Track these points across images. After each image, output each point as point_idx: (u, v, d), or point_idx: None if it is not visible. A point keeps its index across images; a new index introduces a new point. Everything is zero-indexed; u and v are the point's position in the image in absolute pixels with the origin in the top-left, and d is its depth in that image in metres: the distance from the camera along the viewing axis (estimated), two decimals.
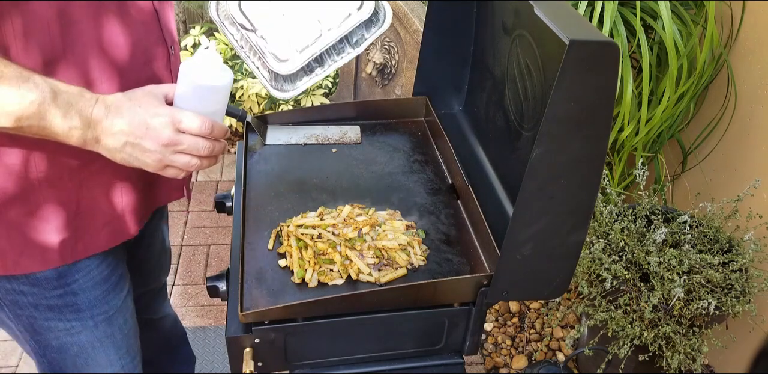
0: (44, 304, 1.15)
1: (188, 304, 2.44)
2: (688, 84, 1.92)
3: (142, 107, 0.94)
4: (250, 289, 1.01)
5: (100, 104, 0.92)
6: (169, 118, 0.94)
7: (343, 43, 1.14)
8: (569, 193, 0.92)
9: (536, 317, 2.39)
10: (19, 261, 1.09)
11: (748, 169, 1.98)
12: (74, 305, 1.17)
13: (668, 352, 1.70)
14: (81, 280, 1.15)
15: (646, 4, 1.90)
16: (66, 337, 1.20)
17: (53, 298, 1.15)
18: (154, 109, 0.94)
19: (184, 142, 0.95)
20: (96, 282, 1.18)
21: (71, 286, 1.15)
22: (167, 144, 0.94)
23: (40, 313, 1.16)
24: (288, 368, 1.06)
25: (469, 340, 1.09)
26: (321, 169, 1.29)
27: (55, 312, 1.17)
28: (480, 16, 1.29)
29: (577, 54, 0.78)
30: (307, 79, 1.15)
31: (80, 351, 1.23)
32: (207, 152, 0.97)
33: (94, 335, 1.22)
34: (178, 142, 0.95)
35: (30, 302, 1.14)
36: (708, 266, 1.71)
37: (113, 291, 1.22)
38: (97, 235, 1.14)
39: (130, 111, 0.93)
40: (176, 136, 0.94)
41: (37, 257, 1.10)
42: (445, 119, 1.38)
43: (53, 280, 1.12)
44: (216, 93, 0.97)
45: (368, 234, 1.09)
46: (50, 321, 1.18)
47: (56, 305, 1.16)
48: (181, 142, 0.95)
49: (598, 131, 0.87)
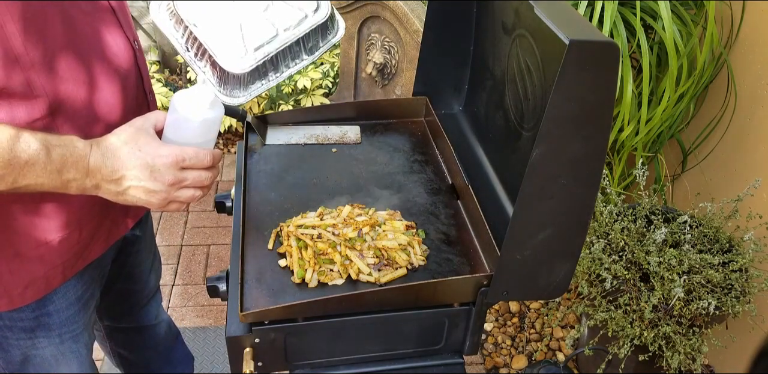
0: (19, 326, 1.15)
1: (188, 304, 2.44)
2: (688, 84, 1.92)
3: (142, 150, 0.92)
4: (250, 289, 1.01)
5: (95, 152, 0.91)
6: (173, 158, 0.93)
7: (299, 47, 1.08)
8: (569, 193, 0.92)
9: (536, 317, 2.39)
10: (24, 294, 1.09)
11: (748, 169, 1.98)
12: (47, 325, 1.17)
13: (668, 352, 1.70)
14: (57, 301, 1.16)
15: (646, 4, 1.90)
16: (31, 351, 1.20)
17: (29, 320, 1.15)
18: (154, 150, 0.93)
19: (189, 177, 0.95)
20: (70, 303, 1.18)
21: (48, 308, 1.15)
22: (173, 183, 0.94)
23: (13, 333, 1.16)
24: (288, 368, 1.06)
25: (469, 340, 1.09)
26: (321, 169, 1.29)
27: (27, 332, 1.17)
28: (480, 16, 1.29)
29: (577, 54, 0.78)
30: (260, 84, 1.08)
31: (43, 362, 1.23)
32: (209, 182, 0.98)
33: (58, 350, 1.22)
34: (183, 179, 0.94)
35: (5, 324, 1.14)
36: (708, 266, 1.71)
37: (83, 310, 1.23)
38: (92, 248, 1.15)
39: (130, 155, 0.92)
40: (181, 174, 0.94)
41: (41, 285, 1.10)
42: (445, 119, 1.37)
43: (33, 304, 1.13)
44: (209, 126, 0.97)
45: (368, 234, 1.09)
46: (20, 340, 1.18)
47: (30, 326, 1.16)
48: (186, 178, 0.95)
49: (598, 131, 0.87)
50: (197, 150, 0.95)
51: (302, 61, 1.10)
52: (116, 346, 1.67)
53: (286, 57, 1.08)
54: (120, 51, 1.08)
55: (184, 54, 1.07)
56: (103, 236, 1.18)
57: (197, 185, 0.97)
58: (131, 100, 1.12)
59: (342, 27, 1.12)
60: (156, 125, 0.97)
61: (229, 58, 1.03)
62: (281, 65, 1.08)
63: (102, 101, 1.04)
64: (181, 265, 2.62)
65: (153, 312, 1.63)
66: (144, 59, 1.16)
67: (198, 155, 0.95)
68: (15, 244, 1.04)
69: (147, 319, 1.62)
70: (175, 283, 2.53)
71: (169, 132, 0.97)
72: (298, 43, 1.07)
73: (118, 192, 0.93)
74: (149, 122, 0.96)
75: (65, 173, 0.89)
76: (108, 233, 1.19)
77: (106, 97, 1.05)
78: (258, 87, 1.08)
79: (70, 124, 1.00)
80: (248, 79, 1.05)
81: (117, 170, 0.91)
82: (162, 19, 1.07)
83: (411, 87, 1.63)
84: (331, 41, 1.11)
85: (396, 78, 2.71)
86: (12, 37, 0.88)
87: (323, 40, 1.10)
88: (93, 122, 1.03)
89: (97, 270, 1.24)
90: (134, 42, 1.12)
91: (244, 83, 1.06)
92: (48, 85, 0.95)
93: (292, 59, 1.09)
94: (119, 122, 1.07)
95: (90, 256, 1.17)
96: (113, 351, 1.69)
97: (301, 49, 1.08)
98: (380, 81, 2.80)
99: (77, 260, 1.13)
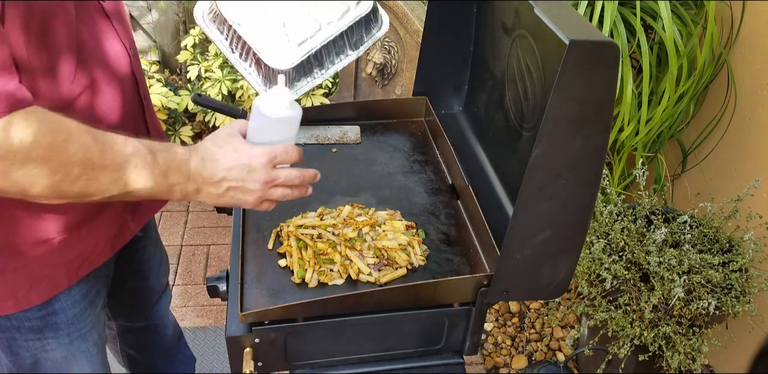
0: (27, 326, 1.15)
1: (188, 304, 2.44)
2: (688, 84, 1.92)
3: (238, 152, 0.95)
4: (250, 289, 1.02)
5: (195, 157, 0.93)
6: (267, 156, 0.95)
7: (343, 41, 1.08)
8: (569, 193, 0.92)
9: (536, 317, 2.39)
10: (30, 295, 1.09)
11: (748, 169, 1.98)
12: (54, 324, 1.18)
13: (668, 352, 1.70)
14: (63, 299, 1.16)
15: (646, 4, 1.90)
16: (41, 354, 1.20)
17: (36, 319, 1.15)
18: (248, 151, 0.95)
19: (281, 175, 0.97)
20: (75, 300, 1.18)
21: (53, 306, 1.15)
22: (268, 181, 0.96)
23: (21, 334, 1.16)
24: (288, 368, 1.06)
25: (469, 340, 1.09)
26: (321, 169, 1.28)
27: (35, 332, 1.17)
28: (480, 16, 1.29)
29: (577, 54, 0.78)
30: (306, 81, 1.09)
31: (54, 366, 1.23)
32: (299, 181, 1.00)
33: (68, 350, 1.23)
34: (276, 177, 0.97)
35: (13, 325, 1.14)
36: (708, 266, 1.71)
37: (89, 307, 1.23)
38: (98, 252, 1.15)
39: (227, 157, 0.94)
40: (274, 172, 0.97)
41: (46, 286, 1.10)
42: (445, 119, 1.37)
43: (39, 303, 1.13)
44: (291, 124, 0.98)
45: (368, 234, 1.09)
46: (29, 341, 1.18)
47: (38, 326, 1.16)
48: (279, 176, 0.97)
49: (598, 131, 0.87)
50: (285, 146, 0.97)
51: (347, 57, 1.10)
52: (126, 346, 1.68)
53: (330, 52, 1.08)
54: (117, 57, 1.09)
55: (229, 56, 1.08)
56: (109, 241, 1.18)
57: (288, 183, 0.99)
58: (128, 104, 1.13)
59: (386, 20, 1.11)
60: (240, 130, 0.99)
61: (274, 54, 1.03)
62: (326, 61, 1.08)
63: (103, 105, 1.05)
64: (181, 265, 2.62)
65: (163, 310, 1.64)
66: (139, 65, 1.17)
67: (287, 150, 0.97)
68: (15, 244, 1.04)
69: (157, 317, 1.63)
70: (175, 283, 2.53)
71: (255, 135, 0.98)
72: (342, 38, 1.07)
73: (219, 194, 0.96)
74: (235, 128, 0.98)
75: (170, 177, 0.91)
76: (114, 238, 1.19)
77: (107, 101, 1.06)
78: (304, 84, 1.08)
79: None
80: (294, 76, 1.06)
81: (217, 173, 0.94)
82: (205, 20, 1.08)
83: (411, 87, 1.63)
84: (376, 35, 1.11)
85: (396, 78, 2.71)
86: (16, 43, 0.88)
87: (367, 34, 1.10)
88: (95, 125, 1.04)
89: (102, 269, 1.24)
90: (130, 49, 1.13)
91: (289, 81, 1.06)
92: (51, 90, 0.95)
93: (336, 54, 1.09)
94: (118, 126, 1.08)
95: (97, 260, 1.17)
96: (122, 351, 1.70)
97: (346, 44, 1.09)
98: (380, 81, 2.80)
99: (82, 262, 1.14)
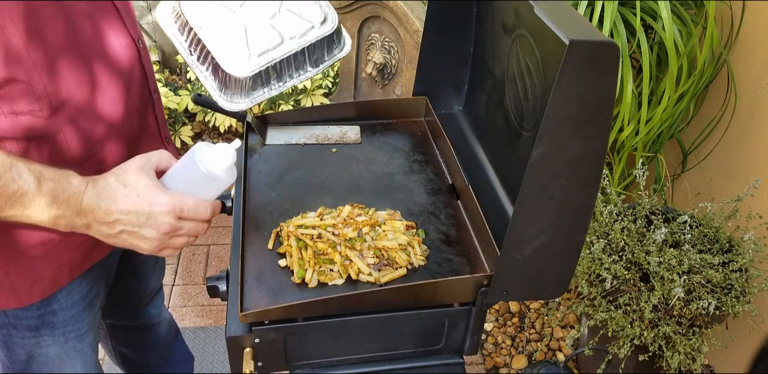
0: (24, 324, 1.15)
1: (188, 304, 2.44)
2: (688, 84, 1.92)
3: (140, 196, 0.89)
4: (250, 289, 1.01)
5: (90, 191, 0.88)
6: (171, 207, 0.90)
7: (304, 57, 1.07)
8: (569, 193, 0.92)
9: (536, 317, 2.39)
10: (32, 292, 1.09)
11: (748, 169, 1.98)
12: (51, 323, 1.17)
13: (668, 352, 1.70)
14: (62, 299, 1.16)
15: (646, 4, 1.90)
16: (36, 350, 1.20)
17: (33, 318, 1.15)
18: (152, 196, 0.90)
19: (185, 227, 0.93)
20: (75, 301, 1.18)
21: (52, 306, 1.15)
22: (168, 232, 0.92)
23: (18, 332, 1.16)
24: (288, 368, 1.06)
25: (469, 340, 1.09)
26: (321, 169, 1.29)
27: (32, 330, 1.17)
28: (480, 16, 1.29)
29: (577, 54, 0.78)
30: (262, 91, 1.06)
31: (47, 362, 1.23)
32: (204, 232, 0.96)
33: (62, 349, 1.22)
34: (179, 228, 0.92)
35: (10, 322, 1.14)
36: (708, 266, 1.71)
37: (88, 309, 1.23)
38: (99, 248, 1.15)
39: (127, 199, 0.89)
40: (177, 223, 0.92)
41: (48, 283, 1.10)
42: (445, 119, 1.37)
43: (38, 302, 1.13)
44: (217, 186, 0.95)
45: (368, 234, 1.09)
46: (25, 339, 1.18)
47: (35, 324, 1.16)
48: (182, 228, 0.93)
49: (598, 131, 0.87)
50: (197, 202, 0.93)
51: (306, 73, 1.09)
52: (118, 344, 1.68)
53: (290, 66, 1.06)
54: (123, 50, 1.07)
55: (187, 58, 1.06)
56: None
57: (192, 234, 0.95)
58: (135, 99, 1.12)
59: (348, 43, 1.11)
60: (158, 165, 0.94)
61: (233, 61, 1.02)
62: (285, 74, 1.07)
63: (104, 100, 1.04)
64: (181, 265, 2.62)
65: (155, 311, 1.63)
66: (149, 58, 1.16)
67: (197, 207, 0.92)
68: (19, 242, 1.04)
69: (149, 318, 1.62)
70: (175, 283, 2.53)
71: (175, 177, 0.94)
72: (303, 54, 1.06)
73: (110, 235, 0.91)
74: (151, 163, 0.94)
75: (53, 209, 0.86)
76: None
77: (109, 96, 1.04)
78: (260, 94, 1.06)
79: (71, 124, 1.00)
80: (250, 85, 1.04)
81: (111, 213, 0.89)
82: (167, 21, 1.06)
83: (411, 87, 1.63)
84: (337, 56, 1.10)
85: (396, 78, 2.71)
86: (13, 37, 0.88)
87: (329, 53, 1.09)
88: (95, 122, 1.03)
89: (104, 270, 1.24)
90: (138, 41, 1.11)
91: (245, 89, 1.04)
92: (49, 85, 0.94)
93: (296, 69, 1.07)
94: (122, 121, 1.07)
95: (97, 256, 1.16)
96: (115, 349, 1.69)
97: (306, 60, 1.07)
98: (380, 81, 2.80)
99: (84, 259, 1.13)
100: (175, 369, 1.78)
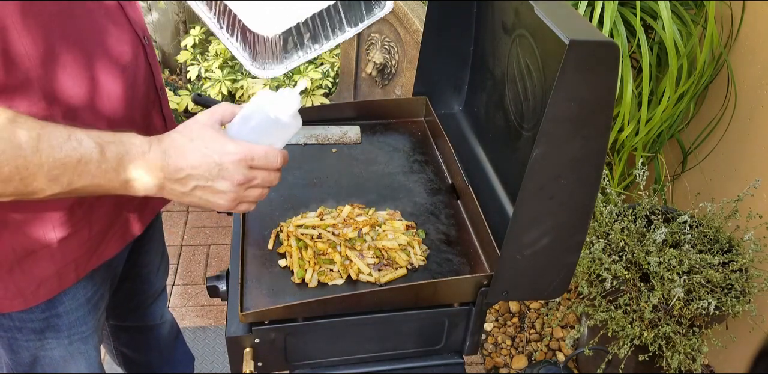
0: (29, 327, 1.15)
1: (188, 304, 2.44)
2: (688, 84, 1.92)
3: (209, 147, 0.86)
4: (250, 289, 1.01)
5: (155, 149, 0.85)
6: (242, 155, 0.86)
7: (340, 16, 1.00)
8: (569, 193, 0.92)
9: (536, 317, 2.39)
10: (38, 292, 1.09)
11: (748, 169, 1.98)
12: (56, 326, 1.17)
13: (668, 352, 1.70)
14: (67, 302, 1.15)
15: (646, 4, 1.90)
16: (40, 352, 1.20)
17: (38, 321, 1.14)
18: (220, 147, 0.86)
19: (258, 177, 0.89)
20: (80, 304, 1.18)
21: (57, 309, 1.14)
22: (242, 183, 0.88)
23: (22, 335, 1.16)
24: (288, 368, 1.06)
25: (469, 340, 1.09)
26: (321, 169, 1.29)
27: (37, 333, 1.16)
28: (480, 16, 1.29)
29: (577, 54, 0.78)
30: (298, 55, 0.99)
31: (51, 364, 1.22)
32: (277, 182, 0.93)
33: (67, 351, 1.22)
34: (252, 178, 0.89)
35: (15, 325, 1.14)
36: (708, 266, 1.71)
37: (93, 311, 1.22)
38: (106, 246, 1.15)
39: (195, 153, 0.85)
40: (250, 173, 0.88)
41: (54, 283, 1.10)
42: (445, 119, 1.37)
43: (43, 304, 1.12)
44: (284, 132, 0.92)
45: (368, 234, 1.09)
46: (29, 341, 1.17)
47: (40, 327, 1.15)
48: (255, 177, 0.89)
49: (598, 131, 0.87)
50: (267, 150, 0.89)
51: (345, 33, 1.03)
52: (120, 345, 1.68)
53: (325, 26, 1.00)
54: (127, 47, 1.05)
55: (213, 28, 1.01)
56: (116, 234, 1.17)
57: (266, 185, 0.91)
58: (140, 96, 1.10)
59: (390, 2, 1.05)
60: (222, 119, 0.91)
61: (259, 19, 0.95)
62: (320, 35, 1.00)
63: (105, 97, 1.02)
64: (181, 265, 2.62)
65: (158, 312, 1.63)
66: (155, 55, 1.13)
67: (268, 155, 0.89)
68: (24, 242, 1.04)
69: (152, 319, 1.62)
70: (175, 283, 2.53)
71: (240, 126, 0.90)
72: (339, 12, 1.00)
73: (184, 193, 0.87)
74: (215, 117, 0.90)
75: (123, 173, 0.83)
76: (122, 232, 1.18)
77: (109, 93, 1.03)
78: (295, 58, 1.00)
79: (71, 121, 1.00)
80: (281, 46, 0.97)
81: (181, 169, 0.85)
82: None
83: (411, 87, 1.63)
84: (377, 14, 1.05)
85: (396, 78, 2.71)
86: (11, 32, 0.87)
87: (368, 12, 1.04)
88: (95, 119, 1.03)
89: (109, 271, 1.24)
90: (144, 38, 1.10)
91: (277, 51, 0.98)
92: (48, 81, 0.94)
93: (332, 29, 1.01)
94: (124, 118, 1.07)
95: (104, 254, 1.16)
96: (116, 349, 1.69)
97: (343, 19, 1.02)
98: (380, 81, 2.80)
99: (90, 257, 1.12)
100: (176, 370, 1.78)
